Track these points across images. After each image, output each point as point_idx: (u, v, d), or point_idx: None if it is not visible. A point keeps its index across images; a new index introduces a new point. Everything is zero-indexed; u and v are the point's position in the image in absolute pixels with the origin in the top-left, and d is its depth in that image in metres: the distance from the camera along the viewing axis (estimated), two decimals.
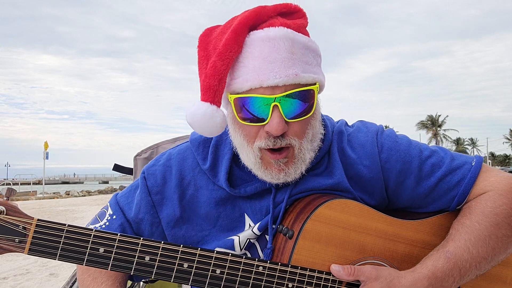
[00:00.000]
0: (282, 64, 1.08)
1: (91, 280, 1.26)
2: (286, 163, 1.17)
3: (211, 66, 1.10)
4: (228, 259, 1.09)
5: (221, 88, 1.11)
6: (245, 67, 1.10)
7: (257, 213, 1.27)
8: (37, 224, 1.01)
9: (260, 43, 1.10)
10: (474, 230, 1.19)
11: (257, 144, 1.15)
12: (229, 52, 1.09)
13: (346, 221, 1.19)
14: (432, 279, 1.12)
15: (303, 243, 1.15)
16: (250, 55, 1.10)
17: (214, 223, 1.28)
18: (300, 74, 1.10)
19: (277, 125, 1.08)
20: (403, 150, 1.30)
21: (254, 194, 1.27)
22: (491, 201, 1.22)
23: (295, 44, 1.11)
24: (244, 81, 1.10)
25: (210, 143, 1.32)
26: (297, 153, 1.17)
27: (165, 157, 1.36)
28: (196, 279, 1.07)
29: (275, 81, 1.07)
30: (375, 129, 1.35)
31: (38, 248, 1.01)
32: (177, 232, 1.30)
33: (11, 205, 1.01)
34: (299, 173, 1.21)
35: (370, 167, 1.28)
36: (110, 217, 1.32)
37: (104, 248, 1.03)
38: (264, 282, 1.09)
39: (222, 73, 1.09)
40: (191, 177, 1.31)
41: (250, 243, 1.26)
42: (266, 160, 1.17)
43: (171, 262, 1.06)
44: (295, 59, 1.10)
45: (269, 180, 1.20)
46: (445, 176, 1.28)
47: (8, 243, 1.00)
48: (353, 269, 1.12)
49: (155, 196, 1.30)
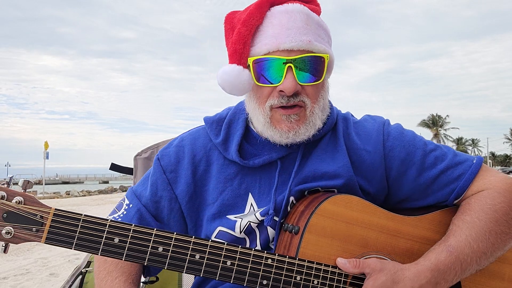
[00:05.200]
0: (298, 31, 1.21)
1: (106, 273, 1.29)
2: (298, 122, 1.25)
3: (236, 33, 1.24)
4: (239, 250, 1.12)
5: (245, 51, 1.23)
6: (265, 34, 1.23)
7: (264, 193, 1.32)
8: (55, 214, 1.04)
9: (279, 14, 1.24)
10: (474, 225, 1.23)
11: (269, 103, 1.24)
12: (252, 20, 1.23)
13: (349, 216, 1.23)
14: (435, 272, 1.17)
15: (309, 237, 1.19)
16: (269, 24, 1.24)
17: (217, 197, 1.33)
18: (313, 42, 1.22)
19: (290, 84, 1.19)
20: (408, 141, 1.36)
21: (262, 167, 1.34)
22: (490, 199, 1.27)
23: (310, 19, 1.25)
24: (263, 45, 1.22)
25: (223, 121, 1.41)
26: (308, 115, 1.26)
27: (178, 140, 1.45)
28: (208, 270, 1.10)
29: (290, 45, 1.19)
30: (382, 120, 1.42)
31: (55, 237, 1.03)
32: (191, 207, 1.36)
33: (29, 196, 1.04)
34: (307, 136, 1.28)
35: (373, 153, 1.33)
36: (127, 206, 1.37)
37: (119, 238, 1.06)
38: (273, 274, 1.12)
39: (246, 37, 1.23)
40: (203, 154, 1.38)
41: (251, 228, 1.29)
42: (276, 118, 1.26)
43: (184, 253, 1.09)
44: (309, 29, 1.23)
45: (278, 139, 1.27)
46: (447, 170, 1.33)
47: (25, 233, 1.02)
48: (359, 262, 1.16)
49: (169, 174, 1.37)
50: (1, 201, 1.02)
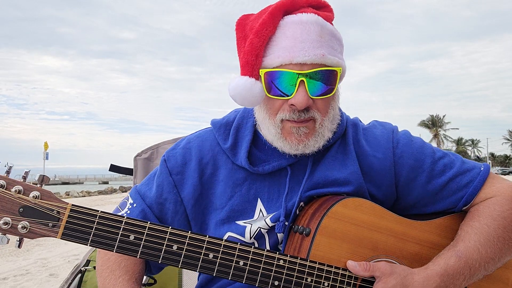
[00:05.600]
0: (312, 44, 1.19)
1: (109, 272, 1.28)
2: (307, 135, 1.25)
3: (248, 43, 1.22)
4: (251, 251, 1.12)
5: (258, 62, 1.22)
6: (278, 46, 1.21)
7: (273, 198, 1.32)
8: (71, 209, 1.04)
9: (293, 25, 1.21)
10: (483, 232, 1.25)
11: (280, 116, 1.24)
12: (265, 31, 1.21)
13: (360, 219, 1.24)
14: (444, 277, 1.18)
15: (320, 239, 1.19)
16: (283, 35, 1.21)
17: (225, 203, 1.32)
18: (327, 55, 1.21)
19: (302, 98, 1.18)
20: (417, 148, 1.37)
21: (271, 174, 1.34)
22: (499, 205, 1.29)
23: (324, 30, 1.23)
24: (276, 57, 1.20)
25: (231, 125, 1.40)
26: (318, 127, 1.26)
27: (185, 141, 1.43)
28: (221, 269, 1.10)
29: (304, 59, 1.18)
30: (391, 127, 1.44)
31: (71, 232, 1.04)
32: (197, 210, 1.35)
33: (45, 191, 1.04)
34: (317, 147, 1.29)
35: (382, 160, 1.35)
36: (131, 206, 1.36)
37: (134, 235, 1.07)
38: (284, 275, 1.13)
39: (258, 48, 1.21)
40: (210, 157, 1.38)
41: (260, 233, 1.30)
42: (286, 130, 1.26)
43: (197, 252, 1.09)
44: (323, 42, 1.21)
45: (287, 150, 1.27)
46: (456, 177, 1.35)
47: (41, 228, 1.02)
48: (369, 265, 1.17)
49: (175, 176, 1.36)
50: (17, 195, 1.02)
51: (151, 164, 2.24)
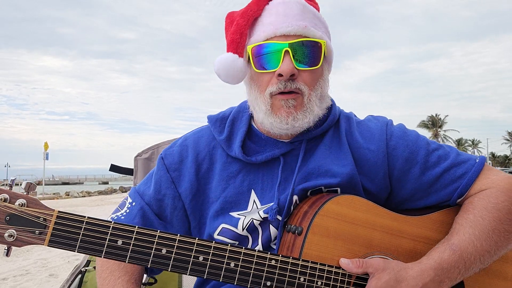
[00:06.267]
0: (294, 17, 1.26)
1: (108, 273, 1.29)
2: (295, 107, 1.27)
3: (234, 25, 1.29)
4: (242, 251, 1.11)
5: (242, 40, 1.28)
6: (262, 23, 1.28)
7: (266, 189, 1.32)
8: (58, 216, 1.03)
9: (276, 5, 1.29)
10: (478, 224, 1.23)
11: (269, 90, 1.27)
12: (250, 11, 1.29)
13: (353, 216, 1.23)
14: (438, 270, 1.17)
15: (312, 237, 1.18)
16: (267, 14, 1.29)
17: (219, 195, 1.33)
18: (309, 27, 1.26)
19: (287, 66, 1.22)
20: (411, 140, 1.36)
21: (265, 164, 1.35)
22: (493, 197, 1.27)
23: (306, 9, 1.29)
24: (261, 32, 1.27)
25: (227, 119, 1.44)
26: (306, 101, 1.28)
27: (181, 139, 1.47)
28: (211, 271, 1.09)
29: (287, 29, 1.24)
30: (385, 120, 1.43)
31: (58, 239, 1.03)
32: (195, 205, 1.36)
33: (31, 198, 1.03)
34: (306, 122, 1.29)
35: (376, 152, 1.34)
36: (130, 205, 1.37)
37: (122, 240, 1.06)
38: (276, 275, 1.12)
39: (243, 27, 1.28)
40: (207, 152, 1.40)
41: (253, 226, 1.29)
42: (276, 105, 1.28)
43: (187, 254, 1.08)
44: (306, 17, 1.28)
45: (278, 125, 1.29)
46: (450, 168, 1.33)
47: (28, 235, 1.02)
48: (362, 262, 1.16)
49: (173, 172, 1.38)
50: (3, 203, 1.01)
51: (151, 164, 2.25)
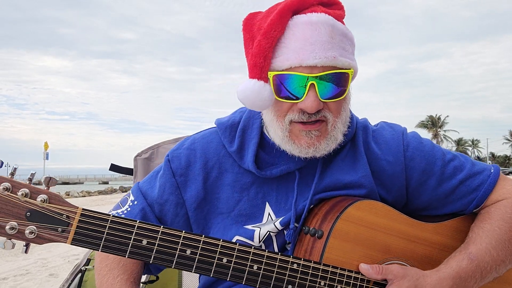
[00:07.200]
0: (322, 46, 1.13)
1: (107, 270, 1.26)
2: (318, 137, 1.20)
3: (256, 45, 1.16)
4: (265, 255, 1.10)
5: (266, 64, 1.16)
6: (287, 47, 1.15)
7: (281, 202, 1.29)
8: (82, 214, 1.00)
9: (303, 26, 1.15)
10: (494, 234, 1.24)
11: (289, 117, 1.19)
12: (274, 32, 1.15)
13: (373, 222, 1.23)
14: (456, 279, 1.17)
15: (334, 242, 1.18)
16: (292, 37, 1.15)
17: (233, 207, 1.29)
18: (338, 57, 1.15)
19: (312, 103, 1.13)
20: (428, 151, 1.36)
21: (279, 177, 1.30)
22: (509, 208, 1.29)
23: (335, 30, 1.17)
24: (285, 59, 1.14)
25: (237, 127, 1.35)
26: (330, 129, 1.21)
27: (189, 141, 1.39)
28: (234, 274, 1.08)
29: (314, 61, 1.12)
30: (400, 129, 1.41)
31: (82, 238, 1.00)
32: (199, 213, 1.31)
33: (54, 194, 1.00)
34: (328, 151, 1.24)
35: (393, 163, 1.33)
36: (132, 203, 1.32)
37: (147, 240, 1.03)
38: (298, 279, 1.11)
39: (266, 50, 1.15)
40: (216, 160, 1.33)
41: (269, 236, 1.28)
42: (295, 133, 1.21)
43: (211, 256, 1.07)
44: (334, 44, 1.15)
45: (296, 153, 1.23)
46: (466, 180, 1.34)
47: (50, 233, 0.98)
48: (382, 268, 1.16)
49: (179, 178, 1.32)
50: (24, 198, 0.97)
51: (151, 164, 2.25)
